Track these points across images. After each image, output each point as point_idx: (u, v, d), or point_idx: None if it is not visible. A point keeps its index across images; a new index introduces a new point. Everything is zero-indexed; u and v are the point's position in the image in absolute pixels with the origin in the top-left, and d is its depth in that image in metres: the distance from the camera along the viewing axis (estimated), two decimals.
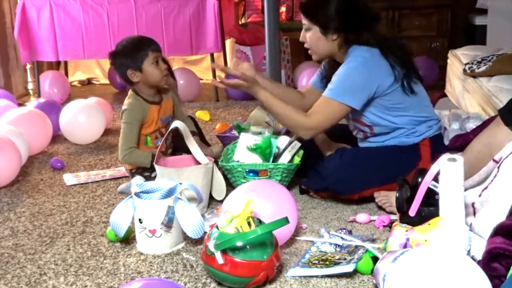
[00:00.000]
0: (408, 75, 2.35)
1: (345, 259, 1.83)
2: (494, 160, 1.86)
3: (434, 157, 2.28)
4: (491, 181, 1.79)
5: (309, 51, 2.50)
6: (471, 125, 2.76)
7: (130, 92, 2.68)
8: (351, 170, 2.33)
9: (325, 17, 2.37)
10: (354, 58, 2.33)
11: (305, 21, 2.43)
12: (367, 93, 2.32)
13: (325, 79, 2.57)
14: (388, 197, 2.28)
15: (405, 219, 1.90)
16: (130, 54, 2.60)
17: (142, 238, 2.02)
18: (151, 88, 2.65)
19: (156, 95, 2.68)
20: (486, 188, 1.82)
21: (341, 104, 2.31)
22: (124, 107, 2.62)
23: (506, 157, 1.77)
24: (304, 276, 1.80)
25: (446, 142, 2.59)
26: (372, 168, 2.35)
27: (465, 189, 1.90)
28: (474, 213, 1.88)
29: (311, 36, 2.42)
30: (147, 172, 2.62)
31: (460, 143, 2.49)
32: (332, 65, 2.55)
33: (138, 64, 2.58)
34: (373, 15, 2.43)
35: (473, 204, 1.87)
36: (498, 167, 1.78)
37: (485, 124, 2.62)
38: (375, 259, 1.77)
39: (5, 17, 4.68)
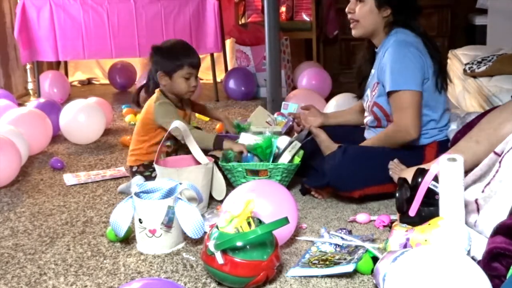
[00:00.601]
0: (442, 73, 2.41)
1: (345, 259, 1.83)
2: (495, 153, 1.86)
3: None
4: (493, 176, 1.79)
5: (352, 25, 2.48)
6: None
7: (158, 91, 2.67)
8: (353, 167, 2.33)
9: None
10: (398, 42, 2.35)
11: None
12: (421, 74, 2.34)
13: (361, 84, 2.61)
14: (400, 168, 2.29)
15: (405, 219, 1.90)
16: (168, 57, 2.61)
17: (142, 238, 2.03)
18: (174, 95, 2.67)
19: (178, 102, 2.69)
20: (488, 184, 1.81)
21: (411, 91, 2.32)
22: (157, 107, 2.59)
23: (508, 151, 1.77)
24: (304, 276, 1.80)
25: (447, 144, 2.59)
26: (374, 166, 2.35)
27: (467, 184, 1.90)
28: (478, 210, 1.87)
29: (362, 7, 2.41)
30: (147, 172, 2.63)
31: (462, 134, 2.49)
32: (362, 70, 2.60)
33: (170, 71, 2.60)
34: (418, 6, 2.47)
35: (476, 200, 1.87)
36: (500, 162, 1.78)
37: (484, 115, 2.62)
38: (375, 259, 1.77)
39: (5, 17, 4.68)
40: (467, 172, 1.89)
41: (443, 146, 2.43)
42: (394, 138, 2.40)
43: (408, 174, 2.15)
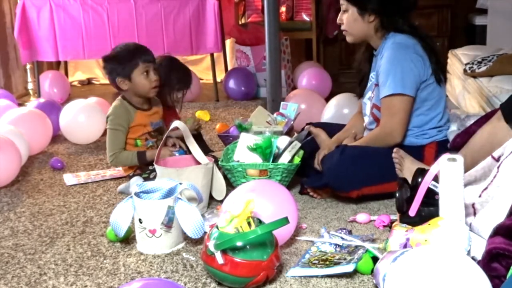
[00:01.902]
0: (440, 70, 2.42)
1: (345, 259, 1.83)
2: (493, 157, 1.86)
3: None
4: (491, 181, 1.79)
5: (344, 32, 2.52)
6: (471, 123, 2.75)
7: (118, 98, 2.72)
8: (351, 167, 2.33)
9: None
10: (396, 45, 2.37)
11: (342, 2, 2.46)
12: (416, 79, 2.35)
13: (361, 83, 2.61)
14: (403, 159, 2.29)
15: (405, 219, 1.90)
16: (121, 61, 2.62)
17: (142, 238, 2.02)
18: (139, 97, 2.67)
19: (145, 103, 2.71)
20: (486, 188, 1.81)
21: (403, 96, 2.33)
22: (108, 112, 2.69)
23: (506, 157, 1.77)
24: (304, 276, 1.80)
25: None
26: (372, 166, 2.35)
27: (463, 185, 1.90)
28: (475, 213, 1.88)
29: (348, 17, 2.45)
30: (145, 174, 2.63)
31: (461, 139, 2.49)
32: (361, 68, 2.60)
33: (127, 73, 2.61)
34: (410, 3, 2.46)
35: (473, 204, 1.87)
36: (498, 167, 1.78)
37: (487, 117, 2.62)
38: (375, 259, 1.77)
39: (5, 17, 4.68)
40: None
41: (442, 146, 2.43)
42: (380, 141, 2.41)
43: (412, 166, 2.18)
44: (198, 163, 2.37)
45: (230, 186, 2.46)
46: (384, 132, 2.40)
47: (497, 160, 1.83)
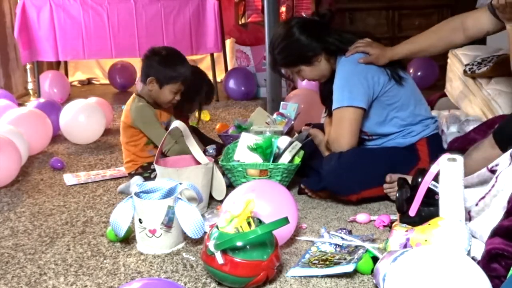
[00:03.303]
0: (395, 68, 2.43)
1: (345, 259, 1.83)
2: (488, 169, 1.86)
3: (432, 157, 2.29)
4: (489, 190, 1.79)
5: (315, 82, 2.62)
6: (471, 128, 2.75)
7: (134, 95, 2.70)
8: (349, 171, 2.33)
9: (297, 56, 2.46)
10: (343, 66, 2.42)
11: (292, 71, 2.54)
12: (368, 90, 2.37)
13: (326, 101, 2.62)
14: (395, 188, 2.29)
15: (405, 219, 1.90)
16: (165, 66, 2.61)
17: (142, 238, 2.03)
18: (154, 101, 2.69)
19: (155, 103, 2.71)
20: (483, 197, 1.81)
21: (351, 108, 2.36)
22: (134, 115, 2.65)
23: (505, 168, 1.76)
24: (304, 276, 1.80)
25: (445, 146, 2.59)
26: (370, 169, 2.35)
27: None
28: (470, 220, 1.88)
29: (305, 74, 2.52)
30: (146, 173, 2.63)
31: (459, 144, 2.49)
32: (324, 86, 2.61)
33: (163, 81, 2.62)
34: (325, 16, 2.51)
35: (469, 212, 1.87)
36: (496, 177, 1.77)
37: (486, 124, 2.62)
38: (375, 259, 1.77)
39: (5, 17, 4.68)
40: None
41: (433, 142, 2.44)
42: (331, 148, 2.46)
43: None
44: (198, 163, 2.37)
45: (230, 186, 2.46)
46: (331, 139, 2.44)
47: (491, 171, 1.83)
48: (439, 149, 2.42)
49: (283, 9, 5.02)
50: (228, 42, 5.19)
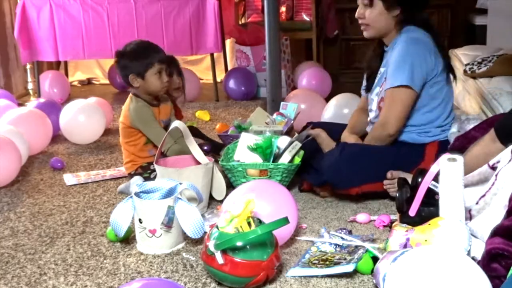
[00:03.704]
0: (450, 67, 2.43)
1: (345, 259, 1.83)
2: (489, 165, 1.86)
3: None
4: (489, 188, 1.79)
5: (362, 27, 2.49)
6: (471, 127, 2.74)
7: (131, 96, 2.70)
8: (350, 164, 2.33)
9: None
10: (410, 40, 2.36)
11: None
12: (424, 75, 2.35)
13: (370, 78, 2.59)
14: (395, 185, 2.29)
15: (405, 219, 1.90)
16: (136, 59, 2.61)
17: (142, 238, 2.03)
18: (149, 94, 2.67)
19: (154, 99, 2.71)
20: (483, 196, 1.81)
21: (408, 89, 2.32)
22: (132, 116, 2.65)
23: (505, 165, 1.76)
24: (304, 276, 1.80)
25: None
26: (372, 164, 2.35)
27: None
28: (470, 218, 1.88)
29: (372, 11, 2.43)
30: (146, 173, 2.63)
31: (460, 142, 2.48)
32: (371, 64, 2.58)
33: (141, 71, 2.60)
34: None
35: (469, 210, 1.87)
36: (496, 175, 1.77)
37: (487, 123, 2.61)
38: (375, 259, 1.77)
39: (5, 17, 4.68)
40: None
41: (444, 146, 2.43)
42: (376, 135, 2.41)
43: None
44: (198, 163, 2.37)
45: (230, 186, 2.46)
46: (380, 122, 2.40)
47: (492, 168, 1.83)
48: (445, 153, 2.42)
49: (283, 9, 5.02)
50: (228, 42, 5.19)
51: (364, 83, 2.66)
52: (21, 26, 4.32)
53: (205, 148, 2.74)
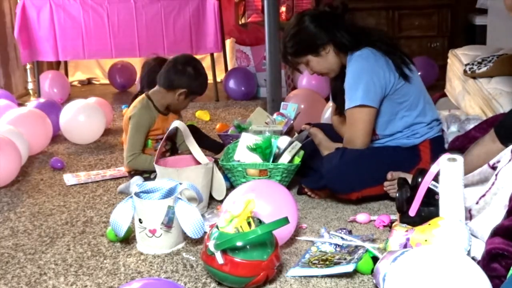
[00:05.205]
0: (401, 59, 2.41)
1: (345, 259, 1.83)
2: (489, 165, 1.86)
3: (434, 159, 2.28)
4: (489, 188, 1.79)
5: (325, 76, 2.56)
6: (471, 127, 2.74)
7: (144, 97, 2.71)
8: (350, 169, 2.33)
9: (304, 44, 2.43)
10: (354, 63, 2.39)
11: (299, 62, 2.51)
12: (381, 90, 2.35)
13: (336, 98, 2.61)
14: (395, 186, 2.29)
15: (405, 219, 1.90)
16: (196, 80, 2.67)
17: (142, 238, 2.03)
18: (166, 105, 2.72)
19: (166, 109, 2.75)
20: (483, 195, 1.81)
21: (364, 108, 2.34)
22: (133, 112, 2.66)
23: (505, 165, 1.77)
24: (304, 276, 1.80)
25: (445, 145, 2.59)
26: (371, 168, 2.35)
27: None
28: (470, 218, 1.88)
29: (313, 66, 2.49)
30: (146, 174, 2.63)
31: (460, 142, 2.48)
32: (335, 83, 2.59)
33: (191, 94, 2.69)
34: (339, 8, 2.47)
35: (470, 210, 1.87)
36: (496, 175, 1.77)
37: (487, 122, 2.61)
38: (375, 259, 1.77)
39: (5, 17, 4.68)
40: None
41: (436, 143, 2.44)
42: (348, 147, 2.43)
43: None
44: (198, 163, 2.37)
45: (230, 186, 2.46)
46: (346, 140, 2.43)
47: (493, 167, 1.83)
48: (441, 150, 2.41)
49: (283, 9, 5.02)
50: (228, 42, 5.19)
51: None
52: (21, 26, 4.32)
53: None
